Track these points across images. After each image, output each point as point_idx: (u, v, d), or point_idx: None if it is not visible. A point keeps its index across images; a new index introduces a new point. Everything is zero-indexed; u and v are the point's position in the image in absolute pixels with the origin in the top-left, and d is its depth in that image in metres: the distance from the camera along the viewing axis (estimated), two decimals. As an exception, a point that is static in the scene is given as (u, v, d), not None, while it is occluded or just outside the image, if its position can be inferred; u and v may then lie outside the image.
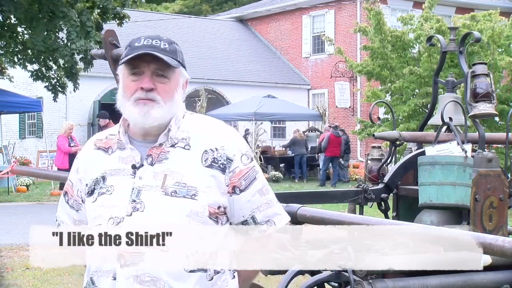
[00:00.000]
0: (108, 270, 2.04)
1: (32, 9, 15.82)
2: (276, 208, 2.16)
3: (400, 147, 4.72)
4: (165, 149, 2.08)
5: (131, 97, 2.07)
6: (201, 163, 2.06)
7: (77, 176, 2.21)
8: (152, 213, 2.02)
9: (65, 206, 2.26)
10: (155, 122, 2.06)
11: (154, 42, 2.08)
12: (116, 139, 2.16)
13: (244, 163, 2.10)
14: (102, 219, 2.07)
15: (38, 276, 7.28)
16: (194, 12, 41.77)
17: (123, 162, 2.11)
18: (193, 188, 2.03)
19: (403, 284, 3.68)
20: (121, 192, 2.07)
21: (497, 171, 3.99)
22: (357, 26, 16.80)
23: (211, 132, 2.12)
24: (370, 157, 4.77)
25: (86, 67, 16.86)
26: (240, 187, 2.09)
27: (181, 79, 2.14)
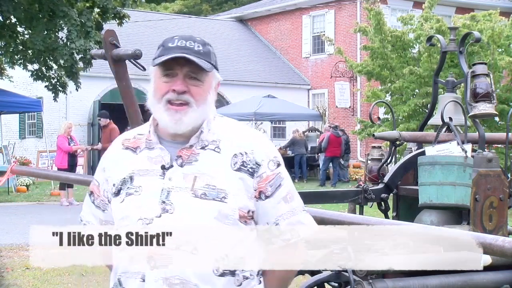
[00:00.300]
0: (137, 272, 2.02)
1: (32, 8, 15.82)
2: (301, 216, 2.11)
3: (400, 147, 4.72)
4: (195, 150, 2.07)
5: (162, 98, 2.04)
6: (231, 166, 2.05)
7: (104, 176, 2.18)
8: (181, 215, 2.00)
9: (91, 206, 2.23)
10: (188, 127, 2.05)
11: (188, 44, 2.06)
12: (144, 138, 2.13)
13: (271, 169, 2.08)
14: (130, 220, 2.04)
15: (38, 276, 7.28)
16: (194, 12, 41.77)
17: (151, 162, 2.08)
18: (223, 190, 2.01)
19: (403, 284, 3.68)
20: (150, 193, 2.04)
21: (497, 171, 3.99)
22: (357, 26, 16.79)
23: (241, 136, 2.11)
24: (370, 157, 4.77)
25: (86, 67, 16.86)
26: (266, 193, 2.07)
27: (213, 82, 2.12)
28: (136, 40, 23.99)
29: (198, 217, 2.00)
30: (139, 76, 15.94)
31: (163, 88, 2.05)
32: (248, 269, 2.05)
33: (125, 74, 3.74)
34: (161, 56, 2.05)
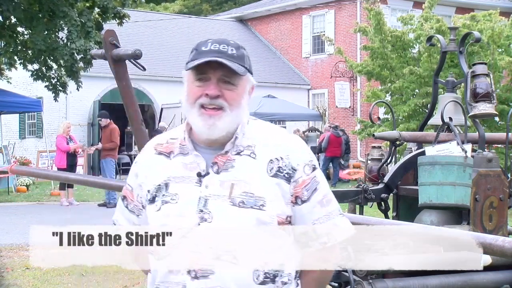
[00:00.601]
0: (177, 282, 2.00)
1: (32, 8, 15.82)
2: (337, 220, 2.10)
3: (400, 147, 4.72)
4: (230, 156, 2.04)
5: (195, 102, 2.02)
6: (267, 172, 2.03)
7: (137, 182, 2.15)
8: (220, 224, 1.98)
9: (124, 211, 2.21)
10: (222, 133, 2.02)
11: (221, 47, 2.02)
12: (178, 143, 2.11)
13: (307, 173, 2.06)
14: (168, 229, 2.02)
15: (38, 276, 7.28)
16: (194, 12, 41.77)
17: (186, 169, 2.05)
18: (261, 198, 1.99)
19: (403, 284, 3.68)
20: (187, 201, 2.02)
21: (497, 171, 3.99)
22: (357, 26, 16.79)
23: (277, 141, 2.08)
24: (370, 157, 4.78)
25: (86, 67, 16.86)
26: (302, 197, 2.05)
27: (248, 85, 2.10)
28: (136, 40, 24.00)
29: (237, 226, 1.98)
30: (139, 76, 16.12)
31: (196, 92, 2.03)
32: (286, 273, 2.04)
33: (125, 74, 3.74)
34: (194, 60, 2.02)
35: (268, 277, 2.00)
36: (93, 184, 4.81)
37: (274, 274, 2.01)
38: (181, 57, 26.27)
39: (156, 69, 23.41)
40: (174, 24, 28.95)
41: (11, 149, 19.71)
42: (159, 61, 24.59)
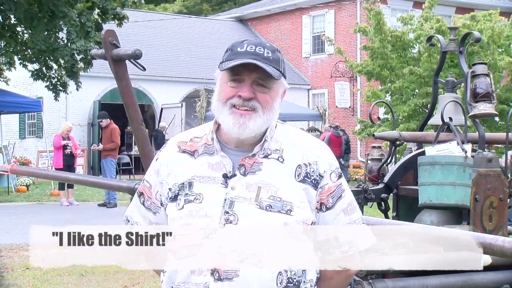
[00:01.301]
0: (199, 283, 1.98)
1: (32, 9, 15.82)
2: (360, 228, 2.10)
3: (400, 147, 4.72)
4: (258, 159, 2.03)
5: (227, 102, 2.01)
6: (295, 177, 2.02)
7: (158, 179, 2.11)
8: (246, 226, 1.96)
9: (140, 208, 2.17)
10: (252, 133, 2.01)
11: (257, 49, 2.00)
12: (203, 142, 2.09)
13: (333, 181, 2.06)
14: (191, 228, 2.00)
15: (38, 276, 7.28)
16: (194, 12, 41.76)
17: (212, 169, 2.03)
18: (289, 203, 1.98)
19: (403, 284, 3.68)
20: (212, 201, 1.99)
21: (497, 171, 3.98)
22: (357, 26, 16.80)
23: (305, 146, 2.07)
24: (370, 157, 4.77)
25: (86, 67, 16.87)
26: (327, 204, 2.05)
27: (281, 89, 2.07)
28: (136, 40, 23.99)
29: (263, 229, 1.96)
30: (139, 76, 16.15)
31: (229, 93, 2.01)
32: (309, 279, 2.04)
33: (125, 74, 3.74)
34: (230, 60, 2.00)
35: (291, 282, 1.99)
36: (93, 184, 4.81)
37: (298, 279, 2.00)
38: (181, 57, 26.29)
39: (156, 69, 23.41)
40: (174, 24, 28.94)
41: (11, 149, 19.71)
42: (159, 61, 24.59)
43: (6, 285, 5.81)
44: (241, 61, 1.97)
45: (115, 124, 14.45)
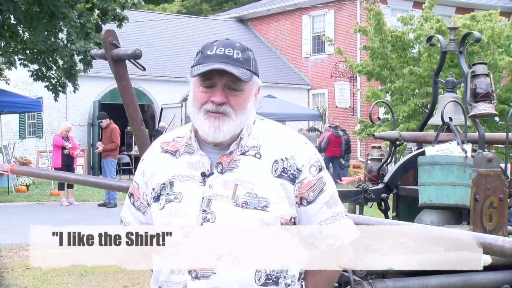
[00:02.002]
0: (179, 282, 2.00)
1: (32, 9, 15.82)
2: (344, 221, 2.10)
3: (400, 147, 4.71)
4: (235, 157, 2.04)
5: (201, 108, 2.02)
6: (271, 173, 2.02)
7: (143, 179, 2.16)
8: (223, 224, 1.98)
9: (131, 208, 2.22)
10: (226, 136, 2.02)
11: (227, 51, 2.01)
12: (184, 141, 2.11)
13: (313, 174, 2.05)
14: (171, 228, 2.02)
15: (38, 276, 7.28)
16: (194, 12, 41.76)
17: (192, 168, 2.06)
18: (264, 199, 1.99)
19: (403, 284, 3.68)
20: (191, 200, 2.02)
21: (497, 171, 3.99)
22: (357, 26, 16.79)
23: (282, 141, 2.08)
24: (370, 157, 4.77)
25: (86, 68, 16.87)
26: (308, 198, 2.04)
27: (254, 88, 2.09)
28: (136, 40, 23.99)
29: (240, 226, 1.98)
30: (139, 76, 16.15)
31: (203, 98, 2.02)
32: (290, 275, 2.04)
33: (125, 74, 3.74)
34: (199, 65, 2.01)
35: (270, 278, 2.00)
36: (93, 184, 4.81)
37: (277, 275, 2.01)
38: (181, 57, 26.27)
39: (156, 69, 23.41)
40: (174, 24, 28.94)
41: (11, 149, 19.71)
42: (159, 61, 24.59)
43: (6, 285, 5.81)
44: (209, 67, 1.98)
45: (115, 124, 14.44)
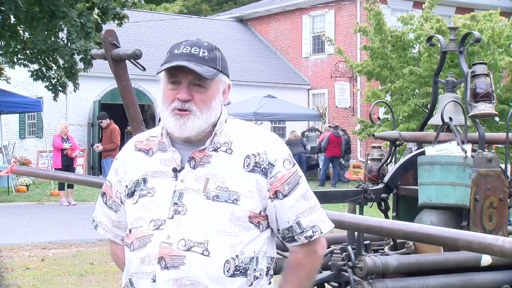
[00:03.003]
0: (148, 272, 2.04)
1: (32, 9, 15.82)
2: (320, 213, 2.15)
3: (400, 147, 4.72)
4: (207, 152, 2.08)
5: (169, 106, 2.08)
6: (243, 167, 2.06)
7: (117, 178, 2.20)
8: (193, 216, 2.02)
9: (103, 207, 2.25)
10: (192, 133, 2.06)
11: (193, 50, 2.07)
12: (157, 140, 2.16)
13: (287, 168, 2.10)
14: (143, 221, 2.07)
15: (38, 276, 7.28)
16: (194, 12, 41.75)
17: (164, 164, 2.10)
18: (235, 192, 2.04)
19: (403, 284, 3.68)
20: (162, 194, 2.07)
21: (497, 171, 3.99)
22: (357, 26, 16.80)
23: (253, 137, 2.12)
24: (370, 157, 4.78)
25: (86, 68, 16.86)
26: (283, 192, 2.08)
27: (220, 86, 2.12)
28: (136, 40, 23.99)
29: (210, 219, 2.02)
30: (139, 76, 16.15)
31: (170, 96, 2.09)
32: (258, 268, 2.08)
33: (125, 74, 3.74)
34: (166, 63, 2.08)
35: (239, 269, 2.03)
36: (93, 184, 4.80)
37: (245, 267, 2.05)
38: (181, 57, 26.27)
39: (156, 69, 23.28)
40: (174, 24, 28.94)
41: (11, 149, 19.70)
42: (159, 61, 24.25)
43: (6, 285, 5.81)
44: (172, 64, 2.05)
45: (115, 125, 14.43)
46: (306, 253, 2.14)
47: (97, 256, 8.41)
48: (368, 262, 3.57)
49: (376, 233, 2.60)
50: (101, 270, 7.53)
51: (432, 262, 3.75)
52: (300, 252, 2.14)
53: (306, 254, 2.14)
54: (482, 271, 3.84)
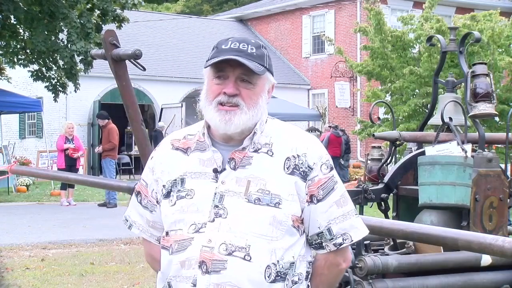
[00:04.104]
0: (188, 276, 2.00)
1: (32, 9, 15.82)
2: (354, 220, 2.10)
3: (400, 147, 4.71)
4: (248, 153, 2.05)
5: (213, 100, 2.03)
6: (284, 170, 2.03)
7: (153, 177, 2.15)
8: (235, 220, 1.98)
9: (138, 207, 2.20)
10: (237, 129, 2.02)
11: (241, 46, 2.05)
12: (195, 139, 2.12)
13: (324, 173, 2.06)
14: (183, 224, 2.03)
15: (38, 276, 7.28)
16: (195, 12, 41.75)
17: (203, 165, 2.06)
18: (277, 196, 2.00)
19: (403, 284, 3.68)
20: (202, 196, 2.02)
21: (497, 171, 3.99)
22: (357, 26, 16.80)
23: (294, 139, 2.09)
24: (370, 157, 4.77)
25: (86, 69, 16.85)
26: (318, 196, 2.05)
27: (266, 85, 2.09)
28: (136, 40, 23.99)
29: (252, 223, 1.98)
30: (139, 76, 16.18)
31: (215, 91, 2.04)
32: (297, 272, 2.05)
33: (125, 74, 3.73)
34: (214, 58, 2.04)
35: (280, 275, 2.00)
36: (93, 184, 4.80)
37: (285, 272, 2.01)
38: (181, 57, 26.28)
39: (156, 69, 23.41)
40: (174, 24, 28.93)
41: (11, 149, 19.70)
42: (159, 61, 24.59)
43: (6, 285, 5.80)
44: (222, 58, 2.01)
45: (113, 124, 14.40)
46: (329, 264, 2.11)
47: (97, 256, 8.41)
48: (368, 262, 3.57)
49: (376, 233, 2.59)
50: (101, 270, 7.53)
51: (432, 262, 3.75)
52: (323, 261, 2.11)
53: (329, 265, 2.11)
54: (482, 271, 3.84)
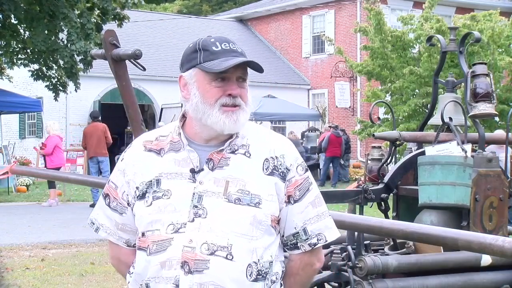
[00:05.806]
0: (169, 277, 1.99)
1: (32, 9, 15.81)
2: (328, 221, 2.12)
3: (400, 147, 4.71)
4: (225, 154, 2.05)
5: (216, 103, 2.01)
6: (263, 171, 2.04)
7: (124, 179, 2.11)
8: (215, 220, 1.98)
9: (106, 209, 2.16)
10: (240, 128, 2.05)
11: (231, 46, 2.06)
12: (168, 140, 2.10)
13: (300, 174, 2.09)
14: (160, 224, 2.01)
15: (38, 276, 7.28)
16: (194, 12, 41.74)
17: (179, 165, 2.05)
18: (257, 196, 2.01)
19: (403, 284, 3.68)
20: (180, 197, 2.01)
21: (497, 171, 3.98)
22: (357, 26, 16.80)
23: (271, 141, 2.11)
24: (370, 157, 4.77)
25: (86, 68, 16.85)
26: (295, 197, 2.07)
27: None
28: (136, 40, 23.99)
29: (233, 222, 1.99)
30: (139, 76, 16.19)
31: (217, 93, 2.02)
32: (274, 272, 2.07)
33: (125, 74, 3.73)
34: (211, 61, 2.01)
35: (260, 274, 2.02)
36: (93, 184, 4.81)
37: (266, 271, 2.03)
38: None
39: (156, 69, 23.40)
40: (174, 24, 28.93)
41: (11, 149, 19.70)
42: (159, 61, 24.58)
43: (6, 285, 5.80)
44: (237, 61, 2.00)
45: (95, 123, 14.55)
46: (304, 264, 2.13)
47: (97, 256, 8.41)
48: (368, 262, 3.57)
49: (376, 233, 2.60)
50: (101, 270, 7.53)
51: (432, 262, 3.75)
52: (298, 262, 2.13)
53: (304, 266, 2.13)
54: (482, 271, 3.84)
